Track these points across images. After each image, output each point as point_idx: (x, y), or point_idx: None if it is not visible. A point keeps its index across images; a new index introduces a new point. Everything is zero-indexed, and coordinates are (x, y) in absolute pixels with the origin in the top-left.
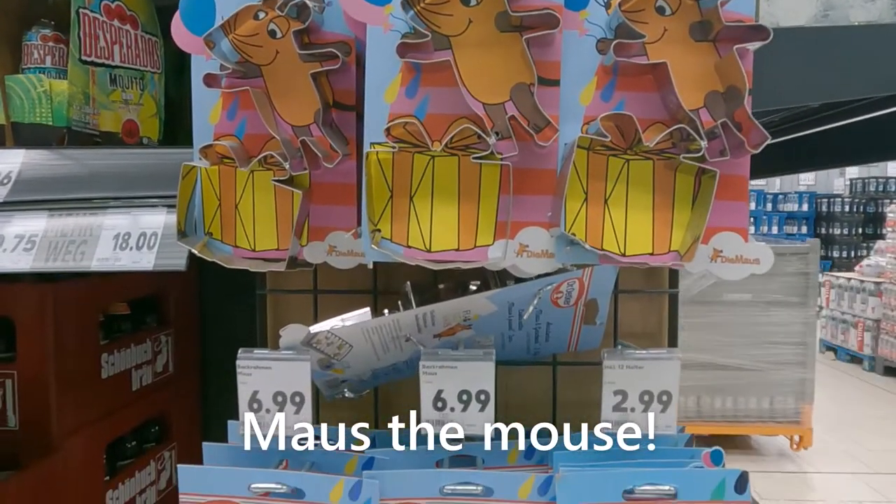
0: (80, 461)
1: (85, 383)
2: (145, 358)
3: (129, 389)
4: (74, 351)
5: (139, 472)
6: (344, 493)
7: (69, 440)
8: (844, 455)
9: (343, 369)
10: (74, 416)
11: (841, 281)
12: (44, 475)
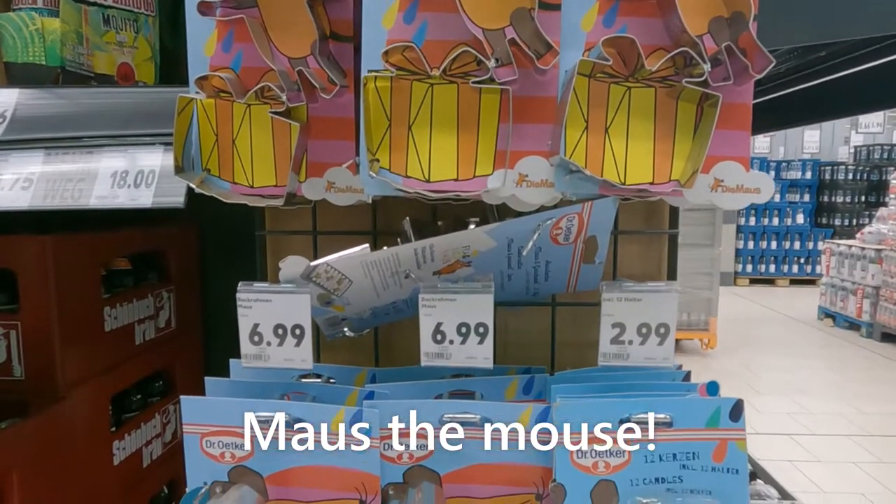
0: (86, 411)
1: (88, 335)
2: (147, 313)
3: (132, 343)
4: (76, 303)
5: (144, 424)
6: (345, 422)
7: (74, 390)
8: (839, 418)
9: (343, 306)
10: (79, 367)
11: (842, 248)
12: (50, 423)
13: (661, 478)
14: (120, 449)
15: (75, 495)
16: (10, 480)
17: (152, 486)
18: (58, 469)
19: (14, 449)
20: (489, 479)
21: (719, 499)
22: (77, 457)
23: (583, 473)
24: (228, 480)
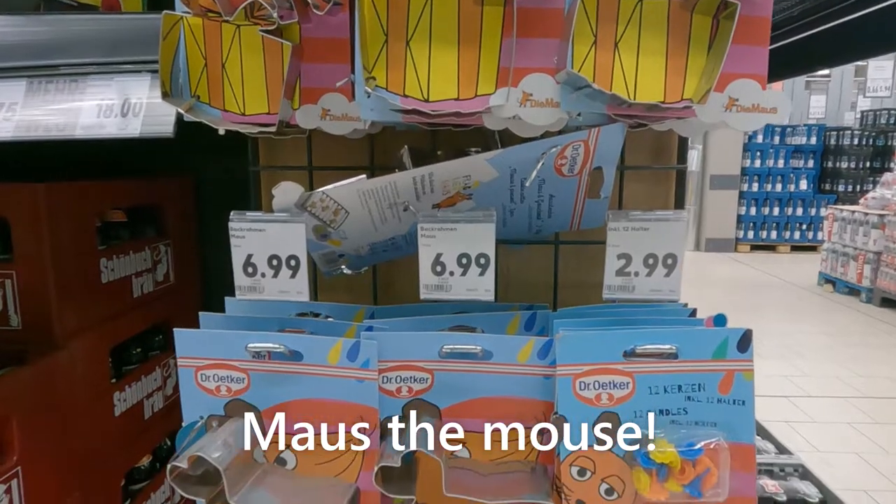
0: (85, 361)
1: (84, 285)
2: (145, 266)
3: (130, 296)
4: (71, 252)
5: (145, 377)
6: (342, 354)
7: (72, 341)
8: (836, 380)
9: (340, 241)
10: (76, 317)
11: (844, 214)
12: (49, 372)
13: (665, 409)
14: (121, 400)
15: (77, 444)
16: (9, 427)
17: (154, 438)
18: (58, 418)
19: (13, 396)
20: (490, 414)
21: (724, 430)
22: (77, 406)
23: (585, 405)
24: (225, 414)
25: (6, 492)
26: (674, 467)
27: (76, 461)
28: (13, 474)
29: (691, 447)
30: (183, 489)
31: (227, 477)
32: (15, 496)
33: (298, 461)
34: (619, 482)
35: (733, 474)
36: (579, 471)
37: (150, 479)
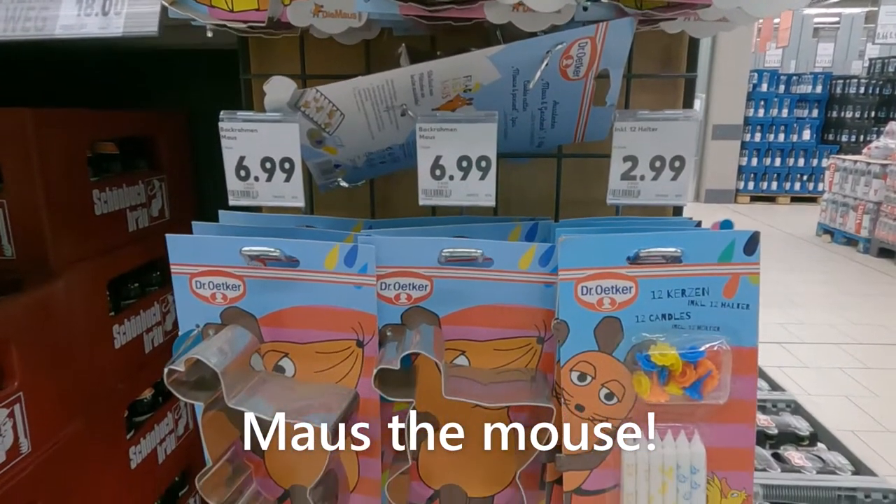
0: (83, 293)
1: (78, 216)
2: (139, 200)
3: (125, 230)
4: (63, 182)
5: (143, 311)
6: (339, 259)
7: (69, 271)
8: (830, 328)
9: (336, 148)
10: (71, 248)
11: (847, 164)
12: (47, 300)
13: (668, 314)
14: (120, 333)
15: (78, 374)
16: (9, 354)
17: (155, 371)
18: (58, 346)
19: (12, 321)
20: (489, 322)
21: (727, 334)
22: (77, 336)
23: (587, 310)
24: (221, 322)
25: (9, 416)
26: (675, 370)
27: (78, 390)
28: (15, 399)
29: (693, 350)
30: (181, 394)
31: (224, 380)
32: (18, 420)
33: (297, 369)
34: (619, 387)
35: (735, 377)
36: (579, 376)
37: (153, 412)
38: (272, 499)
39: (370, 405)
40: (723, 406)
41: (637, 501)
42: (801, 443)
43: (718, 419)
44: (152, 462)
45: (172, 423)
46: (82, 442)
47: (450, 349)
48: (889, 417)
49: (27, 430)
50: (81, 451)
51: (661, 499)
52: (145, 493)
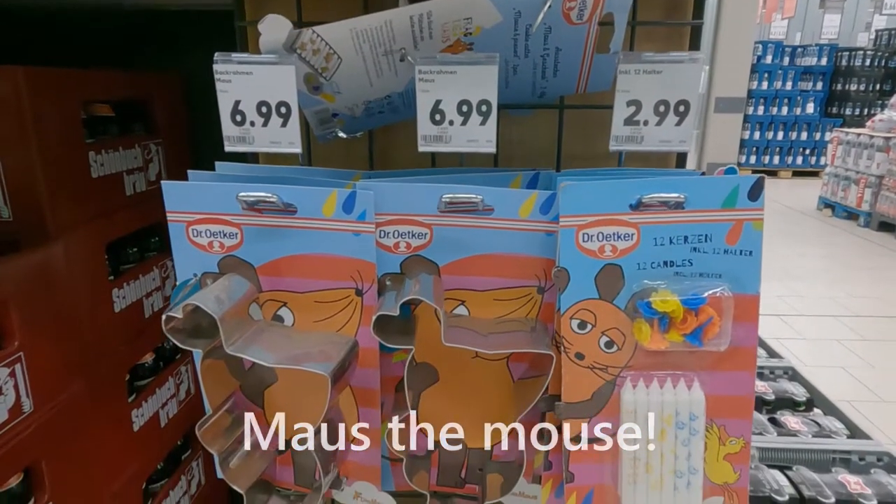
0: (81, 255)
1: (74, 178)
2: (136, 164)
3: (122, 194)
4: (57, 143)
5: (143, 276)
6: (337, 205)
7: (66, 234)
8: (828, 301)
9: (333, 95)
10: (68, 210)
11: (850, 137)
12: (45, 261)
13: (669, 261)
14: (120, 297)
15: (78, 336)
16: (8, 314)
17: (155, 336)
18: (57, 308)
19: (10, 281)
20: (489, 271)
21: (729, 282)
22: (76, 299)
23: (588, 257)
24: (219, 272)
25: (10, 375)
26: (676, 317)
27: (79, 352)
28: (16, 359)
29: (695, 297)
30: (179, 341)
31: (222, 327)
32: (19, 380)
33: (296, 318)
34: (620, 335)
35: (736, 325)
36: (579, 324)
37: (155, 377)
38: (272, 449)
39: (369, 355)
40: (723, 353)
41: (636, 448)
42: (797, 408)
43: (718, 367)
44: (155, 425)
45: (174, 387)
46: (84, 403)
47: (449, 299)
48: (884, 388)
49: (29, 390)
50: (84, 412)
51: (660, 445)
52: (149, 455)
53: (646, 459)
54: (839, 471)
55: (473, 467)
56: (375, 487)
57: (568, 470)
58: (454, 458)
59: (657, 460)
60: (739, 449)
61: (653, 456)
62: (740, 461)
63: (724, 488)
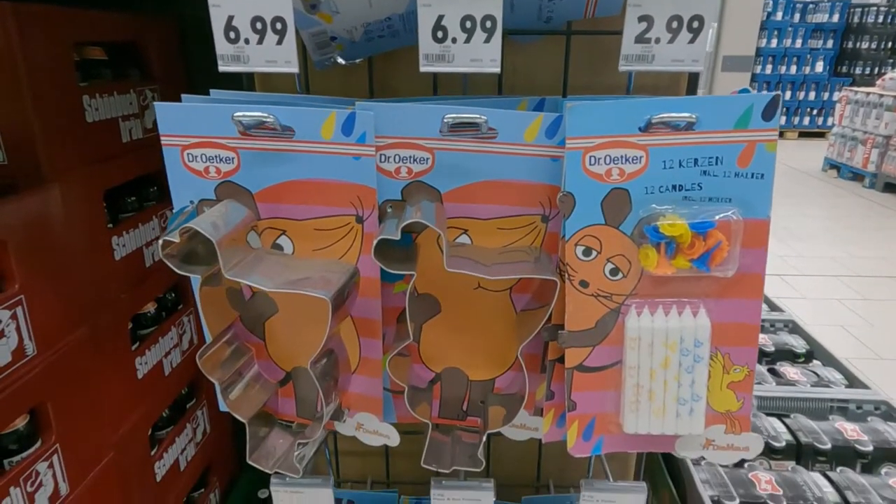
0: (79, 201)
1: (69, 121)
2: (132, 110)
3: (118, 140)
4: (50, 84)
5: (142, 224)
6: (336, 127)
7: (63, 178)
8: (830, 261)
9: (331, 15)
10: (64, 154)
11: (858, 96)
12: (42, 204)
13: (678, 185)
14: (119, 245)
15: (78, 282)
16: (7, 256)
17: (157, 285)
18: (57, 252)
19: (9, 224)
20: (493, 198)
21: (739, 206)
22: (75, 243)
23: (594, 181)
24: (216, 198)
25: (12, 317)
26: (683, 242)
27: (80, 297)
28: (17, 301)
29: (703, 220)
30: (177, 267)
31: (220, 251)
32: (21, 323)
33: (295, 247)
34: (625, 262)
35: (744, 251)
36: (584, 251)
37: (157, 326)
38: (274, 381)
39: (370, 284)
40: (730, 280)
41: (639, 375)
42: (797, 360)
43: (725, 294)
44: (158, 373)
45: (177, 337)
46: (88, 349)
47: (452, 227)
48: (883, 346)
49: (31, 333)
50: (88, 358)
51: (663, 373)
52: (154, 402)
53: (649, 387)
54: (836, 419)
55: (475, 400)
56: (377, 418)
57: (570, 399)
58: (456, 391)
59: (660, 387)
60: (743, 377)
61: (656, 383)
62: (744, 389)
63: (726, 416)
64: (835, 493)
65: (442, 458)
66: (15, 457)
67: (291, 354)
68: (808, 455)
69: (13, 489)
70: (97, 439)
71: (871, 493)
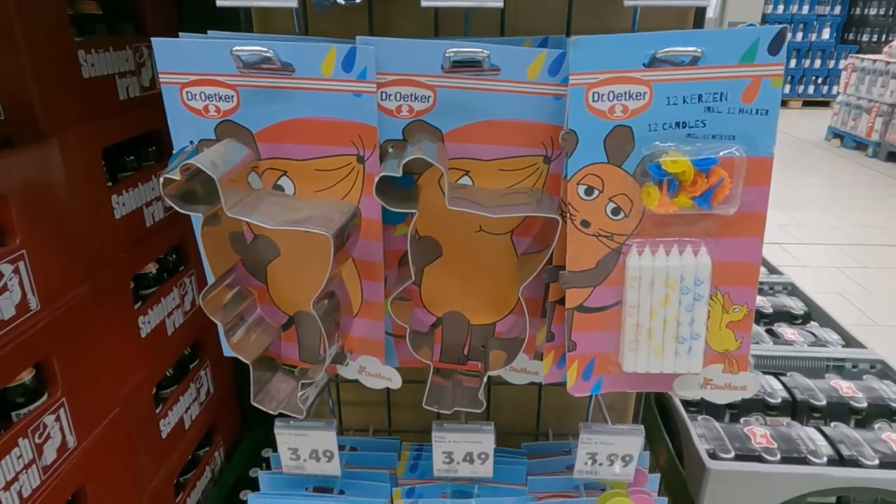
0: (77, 156)
1: (64, 76)
2: (128, 67)
3: (115, 97)
4: (44, 37)
5: (142, 184)
6: (336, 63)
7: (60, 133)
8: (830, 230)
9: None
10: (61, 110)
11: (865, 63)
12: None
13: (682, 122)
14: (119, 204)
15: (79, 239)
16: (7, 209)
17: (158, 245)
18: (56, 208)
19: (8, 177)
20: (495, 139)
21: (743, 143)
22: (75, 200)
23: (597, 118)
24: (216, 138)
25: (14, 272)
26: (685, 179)
27: (82, 255)
28: (19, 256)
29: (707, 157)
30: (178, 206)
31: (221, 188)
32: (24, 277)
33: (296, 188)
34: (627, 201)
35: (747, 189)
36: (586, 189)
37: (159, 286)
38: (276, 325)
39: (372, 226)
40: (732, 219)
41: (639, 314)
42: (794, 321)
43: (726, 233)
44: (161, 333)
45: (179, 298)
46: (91, 306)
47: (453, 169)
48: (880, 313)
49: (34, 288)
50: (91, 314)
51: (663, 311)
52: (157, 360)
53: (648, 325)
54: (832, 377)
55: (476, 344)
56: (379, 361)
57: (570, 339)
58: (457, 336)
59: (660, 326)
60: (742, 316)
61: (655, 322)
62: (742, 329)
63: (724, 356)
64: (828, 447)
65: (443, 399)
66: (22, 409)
67: (294, 298)
68: (803, 411)
69: (21, 440)
70: (103, 394)
71: (865, 447)
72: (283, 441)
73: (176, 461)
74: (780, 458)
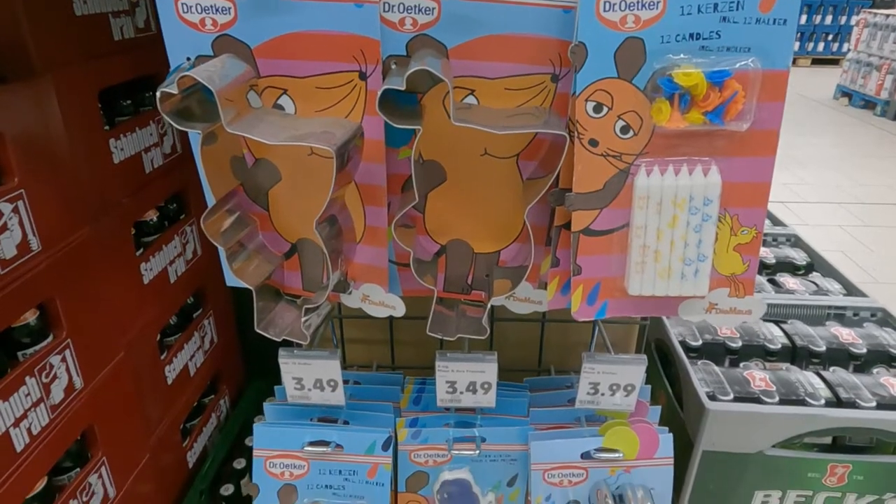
0: (72, 97)
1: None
2: (122, 6)
3: (109, 38)
4: None
5: (140, 129)
6: None
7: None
8: (835, 189)
9: None
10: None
11: (878, 19)
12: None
13: (696, 33)
14: (118, 148)
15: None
16: (4, 146)
17: (157, 192)
18: (54, 149)
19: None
20: (501, 55)
21: (759, 55)
22: (72, 142)
23: (608, 30)
24: (213, 54)
25: (14, 211)
26: (698, 93)
27: (81, 198)
28: (18, 195)
29: (720, 70)
30: (176, 122)
31: (220, 102)
32: (24, 217)
33: (297, 107)
34: (636, 118)
35: (761, 105)
36: (595, 106)
37: (161, 234)
38: (279, 254)
39: (375, 148)
40: (744, 136)
41: (646, 235)
42: (797, 272)
43: (738, 152)
44: (164, 280)
45: (180, 246)
46: (92, 249)
47: (458, 88)
48: (880, 270)
49: (34, 229)
50: (93, 257)
51: (671, 232)
52: (160, 307)
53: (655, 247)
54: (832, 324)
55: (480, 274)
56: (382, 289)
57: (575, 263)
58: (461, 265)
59: (666, 247)
60: (751, 239)
61: (662, 243)
62: (750, 252)
63: (730, 279)
64: (826, 390)
65: (447, 327)
66: (28, 349)
67: (296, 225)
68: (802, 357)
69: (28, 378)
70: (108, 337)
71: (862, 390)
72: (288, 370)
73: (182, 407)
74: (778, 399)
